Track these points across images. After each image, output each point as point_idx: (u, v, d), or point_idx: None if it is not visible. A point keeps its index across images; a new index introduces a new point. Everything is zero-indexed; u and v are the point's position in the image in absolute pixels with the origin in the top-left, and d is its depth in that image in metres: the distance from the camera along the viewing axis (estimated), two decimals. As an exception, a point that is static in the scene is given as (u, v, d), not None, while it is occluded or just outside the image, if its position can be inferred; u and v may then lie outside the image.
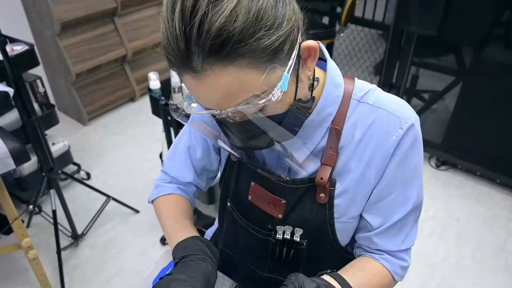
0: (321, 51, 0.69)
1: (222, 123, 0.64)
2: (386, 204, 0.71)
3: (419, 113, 2.63)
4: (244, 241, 0.86)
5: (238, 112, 0.56)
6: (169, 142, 1.67)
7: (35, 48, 1.96)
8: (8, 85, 1.55)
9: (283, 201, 0.74)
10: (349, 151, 0.69)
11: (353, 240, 0.81)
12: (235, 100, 0.54)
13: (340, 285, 0.66)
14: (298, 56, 0.57)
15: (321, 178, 0.69)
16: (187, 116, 0.65)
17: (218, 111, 0.55)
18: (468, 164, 2.43)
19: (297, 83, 0.59)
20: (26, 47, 1.90)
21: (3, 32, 1.48)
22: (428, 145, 2.54)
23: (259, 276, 0.86)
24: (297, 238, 0.74)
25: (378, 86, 0.72)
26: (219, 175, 0.93)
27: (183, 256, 0.67)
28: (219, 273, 0.88)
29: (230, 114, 0.55)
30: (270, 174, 0.73)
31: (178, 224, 0.81)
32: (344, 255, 0.80)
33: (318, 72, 0.69)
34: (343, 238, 0.77)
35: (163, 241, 2.10)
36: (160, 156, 1.95)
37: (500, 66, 2.12)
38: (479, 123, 2.31)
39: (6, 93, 1.43)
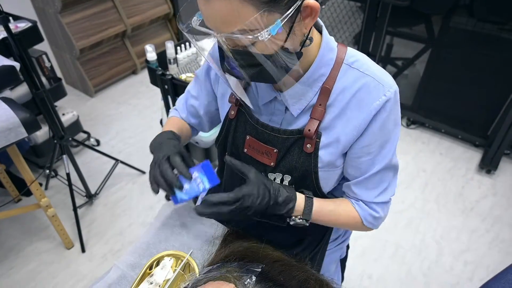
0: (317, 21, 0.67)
1: (220, 48, 0.65)
2: (364, 161, 0.72)
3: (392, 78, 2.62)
4: None
5: (230, 40, 0.58)
6: (168, 109, 1.63)
7: (39, 24, 1.86)
8: (15, 60, 1.47)
9: (275, 150, 0.75)
10: (336, 109, 0.69)
11: (334, 189, 0.82)
12: (230, 28, 0.54)
13: (305, 199, 0.73)
14: (298, 10, 0.55)
15: (309, 130, 0.69)
16: (191, 32, 0.64)
17: (215, 33, 0.56)
18: (434, 123, 2.44)
19: (288, 33, 0.57)
20: (29, 24, 1.79)
21: (6, 10, 1.39)
22: (400, 106, 2.53)
23: (251, 221, 0.87)
24: (286, 183, 0.76)
25: None
26: (215, 136, 0.93)
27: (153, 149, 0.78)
28: (213, 221, 0.89)
29: (224, 39, 0.57)
30: (265, 125, 0.75)
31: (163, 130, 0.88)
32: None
33: (315, 35, 0.67)
34: (325, 186, 0.77)
35: (167, 197, 2.10)
36: (161, 122, 1.91)
37: (464, 33, 2.08)
38: (444, 86, 2.30)
39: (13, 66, 1.37)
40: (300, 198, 0.73)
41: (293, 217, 0.73)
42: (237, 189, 0.67)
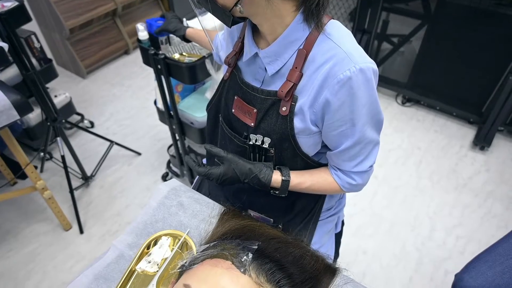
0: None
1: None
2: (337, 134, 0.72)
3: (388, 55, 2.58)
4: (229, 149, 0.88)
5: None
6: (161, 90, 1.61)
7: (26, 4, 1.80)
8: (3, 41, 1.43)
9: (255, 110, 0.76)
10: (308, 76, 0.69)
11: (322, 158, 0.83)
12: None
13: (281, 171, 0.79)
14: None
15: (282, 91, 0.70)
16: None
17: None
18: (430, 100, 2.44)
19: None
20: (16, 3, 1.73)
21: (-11, -13, 1.34)
22: (395, 84, 2.52)
23: (241, 187, 0.91)
24: (265, 145, 0.78)
25: (352, 32, 0.69)
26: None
27: None
28: (209, 200, 0.89)
29: None
30: (247, 83, 0.77)
31: None
32: (307, 161, 0.82)
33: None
34: (307, 149, 0.78)
35: (164, 178, 2.11)
36: (155, 103, 1.89)
37: (461, 9, 2.05)
38: (439, 63, 2.28)
39: (1, 47, 1.33)
40: (278, 179, 0.78)
41: (271, 191, 0.81)
42: (210, 168, 0.79)
